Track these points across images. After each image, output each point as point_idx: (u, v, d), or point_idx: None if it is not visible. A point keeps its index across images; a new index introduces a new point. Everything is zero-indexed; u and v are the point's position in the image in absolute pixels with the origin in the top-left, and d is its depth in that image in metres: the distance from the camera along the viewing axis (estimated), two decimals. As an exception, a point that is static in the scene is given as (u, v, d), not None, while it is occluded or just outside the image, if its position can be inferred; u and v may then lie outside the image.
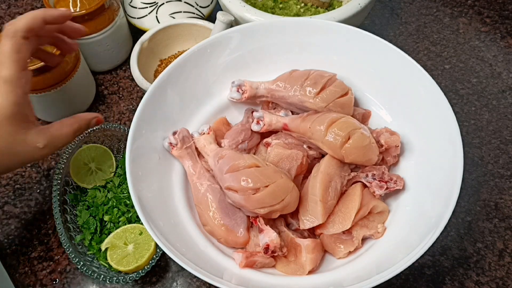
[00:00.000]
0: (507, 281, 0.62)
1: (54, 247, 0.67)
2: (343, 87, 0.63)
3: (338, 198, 0.58)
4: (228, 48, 0.66)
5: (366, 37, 0.64)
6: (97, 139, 0.70)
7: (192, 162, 0.62)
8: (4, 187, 0.72)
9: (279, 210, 0.55)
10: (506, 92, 0.79)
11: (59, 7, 0.74)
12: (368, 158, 0.59)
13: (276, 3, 0.82)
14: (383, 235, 0.58)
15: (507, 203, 0.68)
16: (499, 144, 0.73)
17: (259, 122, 0.64)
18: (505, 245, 0.65)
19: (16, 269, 0.65)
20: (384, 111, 0.66)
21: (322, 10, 0.81)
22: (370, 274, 0.52)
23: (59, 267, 0.65)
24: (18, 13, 0.94)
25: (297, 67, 0.66)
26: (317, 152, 0.62)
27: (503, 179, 0.70)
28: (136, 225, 0.64)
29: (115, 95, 0.81)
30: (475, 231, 0.66)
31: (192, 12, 0.82)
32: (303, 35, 0.67)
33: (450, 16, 0.89)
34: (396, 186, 0.58)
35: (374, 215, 0.58)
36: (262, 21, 0.69)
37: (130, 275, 0.60)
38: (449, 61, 0.83)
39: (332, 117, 0.59)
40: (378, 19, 0.89)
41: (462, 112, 0.77)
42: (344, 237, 0.57)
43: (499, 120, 0.76)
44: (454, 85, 0.80)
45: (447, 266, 0.63)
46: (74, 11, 0.74)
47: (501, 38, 0.85)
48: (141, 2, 0.82)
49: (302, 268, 0.55)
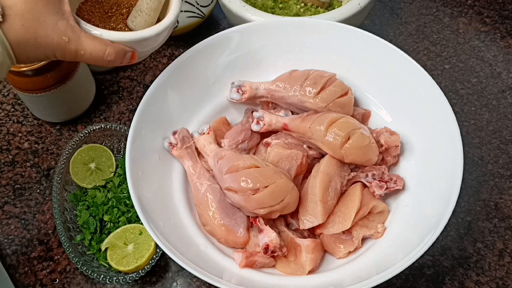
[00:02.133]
0: (507, 281, 0.62)
1: (54, 247, 0.67)
2: (343, 87, 0.63)
3: (338, 198, 0.58)
4: (228, 48, 0.66)
5: (366, 37, 0.64)
6: (97, 139, 0.70)
7: (192, 162, 0.62)
8: (4, 187, 0.72)
9: (279, 211, 0.55)
10: (506, 92, 0.79)
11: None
12: (368, 158, 0.59)
13: (276, 3, 0.82)
14: (383, 235, 0.58)
15: (507, 203, 0.68)
16: (499, 144, 0.73)
17: (259, 122, 0.64)
18: (505, 245, 0.65)
19: (16, 269, 0.65)
20: (384, 111, 0.66)
21: (322, 10, 0.81)
22: (370, 274, 0.52)
23: (59, 267, 0.65)
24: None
25: (297, 67, 0.66)
26: (317, 152, 0.62)
27: (503, 179, 0.70)
28: (136, 225, 0.64)
29: (115, 95, 0.81)
30: (475, 231, 0.66)
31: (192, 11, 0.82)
32: (303, 35, 0.67)
33: (450, 16, 0.89)
34: (396, 186, 0.58)
35: (374, 215, 0.58)
36: (262, 21, 0.69)
37: (130, 275, 0.60)
38: (449, 61, 0.83)
39: (332, 117, 0.59)
40: (378, 19, 0.89)
41: (462, 112, 0.77)
42: (344, 237, 0.57)
43: (499, 120, 0.76)
44: (454, 85, 0.80)
45: (447, 266, 0.63)
46: (74, 11, 0.74)
47: (501, 38, 0.85)
48: (141, 2, 0.82)
49: (302, 268, 0.55)
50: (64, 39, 0.47)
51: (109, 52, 0.50)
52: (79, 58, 0.49)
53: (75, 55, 0.49)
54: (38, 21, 0.45)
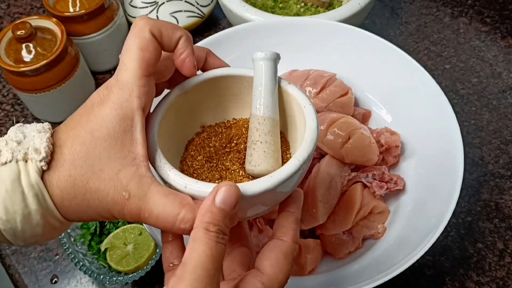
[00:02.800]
0: (508, 281, 0.62)
1: (53, 247, 0.67)
2: (343, 87, 0.62)
3: (338, 198, 0.58)
4: (228, 48, 0.66)
5: (366, 37, 0.64)
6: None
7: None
8: (4, 187, 0.72)
9: (279, 211, 0.55)
10: (507, 92, 0.79)
11: (58, 7, 0.74)
12: (368, 158, 0.59)
13: (276, 3, 0.82)
14: (383, 235, 0.57)
15: (508, 203, 0.68)
16: (499, 144, 0.73)
17: (259, 122, 0.64)
18: (505, 245, 0.65)
19: (16, 269, 0.65)
20: (384, 111, 0.65)
21: (322, 9, 0.81)
22: (371, 274, 0.52)
23: (59, 267, 0.65)
24: (18, 13, 0.94)
25: (297, 67, 0.66)
26: (317, 152, 0.62)
27: (503, 179, 0.70)
28: (136, 225, 0.63)
29: (115, 95, 0.81)
30: (475, 231, 0.66)
31: (192, 11, 0.82)
32: (303, 35, 0.67)
33: (450, 16, 0.89)
34: (397, 186, 0.58)
35: (375, 215, 0.58)
36: (262, 21, 0.69)
37: (130, 275, 0.60)
38: (449, 61, 0.83)
39: (332, 117, 0.59)
40: (378, 18, 0.89)
41: (463, 112, 0.76)
42: (345, 237, 0.57)
43: (499, 120, 0.76)
44: (454, 85, 0.80)
45: (448, 266, 0.63)
46: (73, 10, 0.74)
47: (501, 38, 0.85)
48: (142, 2, 0.82)
49: (302, 269, 0.55)
50: (123, 195, 0.32)
51: (184, 218, 0.32)
52: (144, 221, 0.34)
53: (137, 216, 0.33)
54: (92, 170, 0.32)
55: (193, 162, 0.40)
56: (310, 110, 0.38)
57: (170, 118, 0.39)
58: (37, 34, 0.68)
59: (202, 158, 0.40)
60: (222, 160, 0.41)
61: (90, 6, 0.73)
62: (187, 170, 0.39)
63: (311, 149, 0.35)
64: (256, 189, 0.33)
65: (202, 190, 0.33)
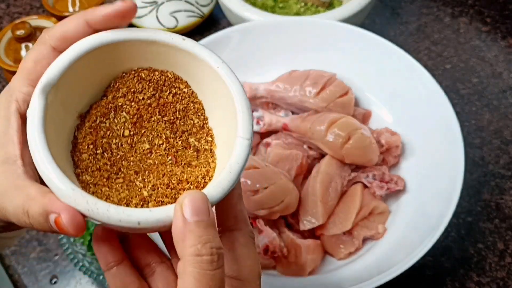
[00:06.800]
0: (508, 281, 0.62)
1: (53, 247, 0.66)
2: (343, 86, 0.62)
3: (339, 198, 0.58)
4: (227, 48, 0.66)
5: (367, 36, 0.64)
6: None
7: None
8: (3, 187, 0.71)
9: (279, 212, 0.55)
10: (507, 92, 0.79)
11: (58, 7, 0.74)
12: (369, 159, 0.58)
13: (276, 3, 0.81)
14: (383, 235, 0.57)
15: (508, 203, 0.68)
16: (500, 144, 0.73)
17: (259, 122, 0.64)
18: (506, 246, 0.64)
19: (16, 270, 0.65)
20: (384, 111, 0.65)
21: (322, 9, 0.80)
22: (371, 275, 0.52)
23: (58, 267, 0.65)
24: (18, 13, 0.94)
25: (297, 67, 0.66)
26: (317, 152, 0.62)
27: (504, 179, 0.70)
28: (136, 225, 0.63)
29: (114, 95, 0.81)
30: (475, 231, 0.66)
31: (192, 11, 0.82)
32: (303, 35, 0.67)
33: (450, 16, 0.88)
34: (397, 187, 0.58)
35: (375, 215, 0.58)
36: (262, 21, 0.68)
37: (130, 275, 0.59)
38: (449, 61, 0.82)
39: (332, 117, 0.58)
40: (379, 18, 0.89)
41: (463, 112, 0.76)
42: (345, 237, 0.57)
43: (500, 120, 0.75)
44: (454, 85, 0.79)
45: (448, 266, 0.63)
46: (73, 10, 0.74)
47: (501, 38, 0.85)
48: (141, 1, 0.82)
49: (302, 269, 0.55)
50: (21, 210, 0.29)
51: (27, 210, 0.29)
52: (7, 220, 0.31)
53: (3, 215, 0.31)
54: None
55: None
56: (225, 70, 0.32)
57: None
58: (36, 34, 0.68)
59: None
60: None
61: (90, 6, 0.73)
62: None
63: (251, 126, 0.31)
64: (222, 192, 0.29)
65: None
